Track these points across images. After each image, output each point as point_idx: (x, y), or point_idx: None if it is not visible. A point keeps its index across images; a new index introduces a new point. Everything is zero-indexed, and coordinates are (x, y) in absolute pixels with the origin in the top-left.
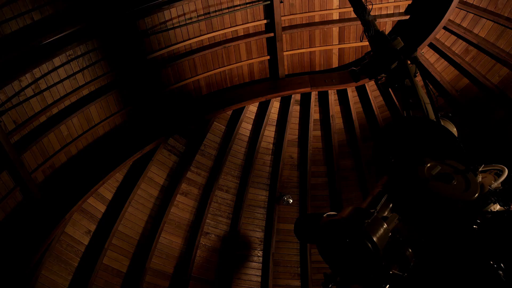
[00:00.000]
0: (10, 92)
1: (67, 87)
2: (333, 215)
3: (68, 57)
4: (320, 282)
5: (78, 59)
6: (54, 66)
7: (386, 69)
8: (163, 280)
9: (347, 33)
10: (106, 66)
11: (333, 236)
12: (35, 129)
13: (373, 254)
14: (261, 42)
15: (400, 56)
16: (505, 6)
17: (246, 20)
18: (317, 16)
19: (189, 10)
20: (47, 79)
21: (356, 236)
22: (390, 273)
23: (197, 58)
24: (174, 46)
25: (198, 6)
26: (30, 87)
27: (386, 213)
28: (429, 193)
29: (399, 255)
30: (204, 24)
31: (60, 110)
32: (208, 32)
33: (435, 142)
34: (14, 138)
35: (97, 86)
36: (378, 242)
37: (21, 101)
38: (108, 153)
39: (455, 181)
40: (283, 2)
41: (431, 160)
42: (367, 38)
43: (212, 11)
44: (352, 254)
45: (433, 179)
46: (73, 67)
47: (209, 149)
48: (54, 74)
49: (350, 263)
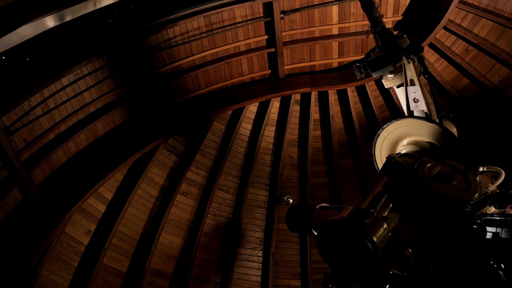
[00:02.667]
0: (20, 112)
1: (74, 105)
2: (325, 206)
3: (76, 76)
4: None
5: (85, 78)
6: (62, 85)
7: (392, 67)
8: (163, 280)
9: (346, 47)
10: (111, 84)
11: (333, 236)
12: (44, 147)
13: (373, 254)
14: (262, 57)
15: (406, 54)
16: (505, 6)
17: (248, 36)
18: (317, 31)
19: (192, 28)
20: (55, 98)
21: (356, 236)
22: (390, 273)
23: (200, 73)
24: (178, 62)
25: (201, 24)
26: (39, 106)
27: (386, 213)
28: (429, 193)
29: (399, 255)
30: (207, 41)
31: (68, 127)
32: (211, 48)
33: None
34: (24, 156)
35: (103, 103)
36: (378, 242)
37: (30, 120)
38: (108, 153)
39: (455, 181)
40: (283, 19)
41: (431, 160)
42: (373, 34)
43: (215, 28)
44: (352, 254)
45: (433, 179)
46: (80, 85)
47: (209, 149)
48: (62, 93)
49: (350, 263)
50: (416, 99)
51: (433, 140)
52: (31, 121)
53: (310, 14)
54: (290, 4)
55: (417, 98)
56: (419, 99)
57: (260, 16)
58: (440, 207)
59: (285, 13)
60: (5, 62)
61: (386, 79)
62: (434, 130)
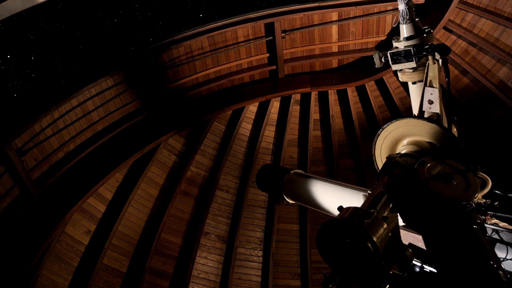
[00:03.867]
0: (31, 133)
1: (82, 124)
2: (300, 173)
3: (84, 97)
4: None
5: (93, 99)
6: (71, 106)
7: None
8: (163, 280)
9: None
10: (119, 103)
11: (333, 236)
12: (54, 165)
13: (373, 254)
14: (264, 74)
15: (434, 54)
16: (505, 6)
17: (250, 54)
18: (317, 49)
19: (196, 47)
20: (64, 119)
21: (356, 236)
22: (390, 273)
23: (204, 90)
24: (182, 80)
25: (204, 44)
26: (49, 127)
27: (386, 213)
28: (429, 193)
29: (399, 255)
30: (211, 59)
31: (77, 146)
32: (214, 66)
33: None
34: (35, 175)
35: (110, 122)
36: (378, 242)
37: (41, 140)
38: (108, 153)
39: (455, 181)
40: (284, 38)
41: (431, 160)
42: (401, 23)
43: (218, 47)
44: (352, 254)
45: (433, 179)
46: (88, 106)
47: (209, 149)
48: (71, 113)
49: (350, 263)
50: (431, 101)
51: (433, 140)
52: (42, 141)
53: (311, 32)
54: (291, 23)
55: (432, 100)
56: (434, 101)
57: (261, 35)
58: (440, 207)
59: (286, 32)
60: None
61: (403, 73)
62: (434, 130)
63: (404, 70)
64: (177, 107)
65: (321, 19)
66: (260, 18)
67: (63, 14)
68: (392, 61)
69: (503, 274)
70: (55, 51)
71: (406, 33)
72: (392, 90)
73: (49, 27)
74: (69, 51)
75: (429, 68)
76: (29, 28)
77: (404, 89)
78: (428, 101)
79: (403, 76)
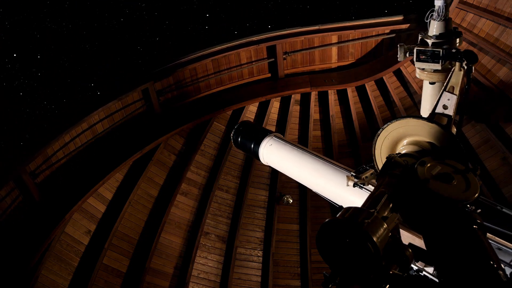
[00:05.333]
0: (44, 157)
1: (83, 127)
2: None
3: (94, 120)
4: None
5: (102, 122)
6: (81, 130)
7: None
8: (163, 280)
9: None
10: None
11: (333, 236)
12: (54, 165)
13: (373, 254)
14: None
15: (462, 61)
16: (505, 6)
17: (252, 74)
18: (317, 69)
19: (201, 70)
20: (75, 142)
21: (356, 236)
22: (390, 273)
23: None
24: (186, 100)
25: (209, 66)
26: (61, 150)
27: (386, 213)
28: (429, 193)
29: (399, 255)
30: (214, 80)
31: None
32: (218, 86)
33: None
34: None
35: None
36: (378, 242)
37: (53, 163)
38: (108, 153)
39: (455, 181)
40: (286, 59)
41: (431, 160)
42: (433, 20)
43: (222, 69)
44: (352, 254)
45: (433, 179)
46: (98, 128)
47: (209, 149)
48: (78, 128)
49: (350, 263)
50: (446, 106)
51: (433, 140)
52: (53, 163)
53: (311, 54)
54: (292, 46)
55: (447, 105)
56: (448, 107)
57: (264, 57)
58: (440, 207)
59: (287, 54)
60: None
61: (422, 72)
62: (434, 130)
63: (426, 69)
64: (177, 107)
65: (322, 41)
66: (263, 41)
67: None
68: (417, 58)
69: (503, 274)
70: (61, 50)
71: (436, 30)
72: (392, 90)
73: (55, 26)
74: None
75: (453, 73)
76: (35, 26)
77: (404, 89)
78: (443, 106)
79: (422, 74)
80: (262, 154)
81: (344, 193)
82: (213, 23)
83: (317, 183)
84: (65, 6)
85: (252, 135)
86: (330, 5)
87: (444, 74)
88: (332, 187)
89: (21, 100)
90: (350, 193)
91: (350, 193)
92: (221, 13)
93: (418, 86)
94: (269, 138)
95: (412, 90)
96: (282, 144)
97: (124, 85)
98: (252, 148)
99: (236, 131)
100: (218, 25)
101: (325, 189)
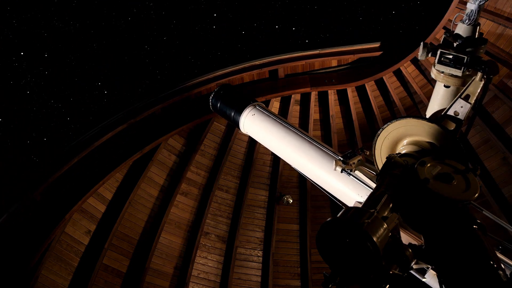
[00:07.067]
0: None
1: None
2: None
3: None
4: (320, 282)
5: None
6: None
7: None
8: (163, 280)
9: None
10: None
11: (332, 236)
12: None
13: (373, 254)
14: (263, 74)
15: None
16: (505, 6)
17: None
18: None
19: (206, 91)
20: None
21: (356, 236)
22: (390, 273)
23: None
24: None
25: (213, 88)
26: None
27: (386, 213)
28: (429, 193)
29: (399, 255)
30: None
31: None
32: None
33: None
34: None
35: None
36: (378, 242)
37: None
38: (108, 153)
39: (455, 181)
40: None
41: (431, 160)
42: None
43: None
44: (352, 254)
45: (433, 179)
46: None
47: (209, 149)
48: None
49: (350, 263)
50: (457, 113)
51: (433, 140)
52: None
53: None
54: (293, 69)
55: (458, 112)
56: (460, 113)
57: (265, 77)
58: (440, 207)
59: (289, 77)
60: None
61: (439, 74)
62: (434, 130)
63: (444, 72)
64: (177, 107)
65: (322, 65)
66: (265, 65)
67: (77, 11)
68: (439, 60)
69: (503, 274)
70: (68, 49)
71: (463, 33)
72: (392, 90)
73: (63, 25)
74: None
75: (472, 82)
76: (43, 25)
77: (404, 89)
78: (454, 111)
79: (438, 76)
80: (243, 123)
81: (331, 178)
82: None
83: (302, 163)
84: (72, 5)
85: (233, 101)
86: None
87: (460, 80)
88: (318, 169)
89: (28, 98)
90: (337, 179)
91: (337, 179)
92: (229, 13)
93: (418, 86)
94: (252, 107)
95: (412, 90)
96: (265, 115)
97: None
98: (233, 116)
99: (215, 95)
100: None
101: (310, 170)
